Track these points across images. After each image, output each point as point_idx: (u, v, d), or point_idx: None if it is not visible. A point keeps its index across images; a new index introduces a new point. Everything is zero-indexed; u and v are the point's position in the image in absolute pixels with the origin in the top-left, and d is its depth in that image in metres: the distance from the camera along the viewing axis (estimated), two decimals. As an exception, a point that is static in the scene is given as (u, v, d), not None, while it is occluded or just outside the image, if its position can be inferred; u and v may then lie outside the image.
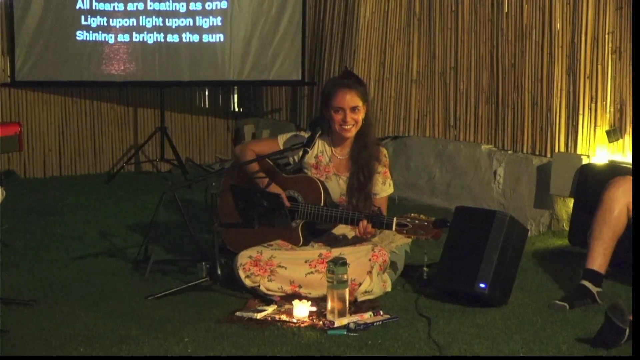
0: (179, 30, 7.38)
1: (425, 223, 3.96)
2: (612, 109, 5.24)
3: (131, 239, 5.29)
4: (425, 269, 4.32)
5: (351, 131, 4.34)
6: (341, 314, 3.74)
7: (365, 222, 4.08)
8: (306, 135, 4.42)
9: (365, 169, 4.34)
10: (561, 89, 5.52)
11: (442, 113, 6.44)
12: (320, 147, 4.43)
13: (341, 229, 4.40)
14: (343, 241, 4.36)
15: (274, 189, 4.32)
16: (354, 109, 4.31)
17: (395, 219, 4.01)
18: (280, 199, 4.20)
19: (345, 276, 3.76)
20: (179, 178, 7.28)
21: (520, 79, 5.78)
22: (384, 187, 4.41)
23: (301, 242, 4.31)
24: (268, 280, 4.09)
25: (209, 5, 7.37)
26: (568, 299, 4.02)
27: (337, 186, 4.40)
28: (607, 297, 4.02)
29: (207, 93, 8.41)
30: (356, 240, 4.26)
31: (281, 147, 4.46)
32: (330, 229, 4.41)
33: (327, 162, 4.43)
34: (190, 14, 7.37)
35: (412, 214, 4.04)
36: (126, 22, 7.36)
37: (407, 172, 6.61)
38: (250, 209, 4.15)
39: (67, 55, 7.36)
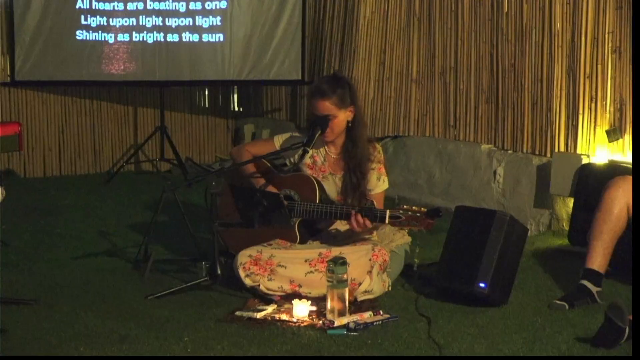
0: (178, 29, 7.39)
1: (418, 214, 3.95)
2: (612, 109, 5.24)
3: (131, 238, 5.29)
4: (415, 260, 4.43)
5: (328, 136, 4.35)
6: (341, 313, 3.74)
7: (359, 215, 4.07)
8: (301, 135, 4.42)
9: (358, 169, 4.34)
10: (561, 89, 5.52)
11: (442, 113, 6.44)
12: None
13: (335, 224, 4.40)
14: (339, 236, 4.35)
15: (270, 189, 4.31)
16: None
17: (388, 212, 4.01)
18: (280, 198, 4.20)
19: (345, 276, 3.76)
20: (178, 178, 7.28)
21: (520, 78, 5.78)
22: (378, 183, 4.41)
23: (298, 240, 4.31)
24: (268, 280, 4.09)
25: (208, 5, 7.37)
26: (568, 298, 4.01)
27: (333, 185, 4.40)
28: (607, 296, 4.01)
29: (207, 92, 8.42)
30: (356, 239, 4.26)
31: (277, 148, 4.46)
32: (328, 226, 4.42)
33: (322, 162, 4.43)
34: (190, 13, 7.38)
35: (405, 206, 4.03)
36: (126, 21, 7.36)
37: (407, 172, 6.60)
38: (250, 209, 4.16)
39: (67, 55, 7.36)
